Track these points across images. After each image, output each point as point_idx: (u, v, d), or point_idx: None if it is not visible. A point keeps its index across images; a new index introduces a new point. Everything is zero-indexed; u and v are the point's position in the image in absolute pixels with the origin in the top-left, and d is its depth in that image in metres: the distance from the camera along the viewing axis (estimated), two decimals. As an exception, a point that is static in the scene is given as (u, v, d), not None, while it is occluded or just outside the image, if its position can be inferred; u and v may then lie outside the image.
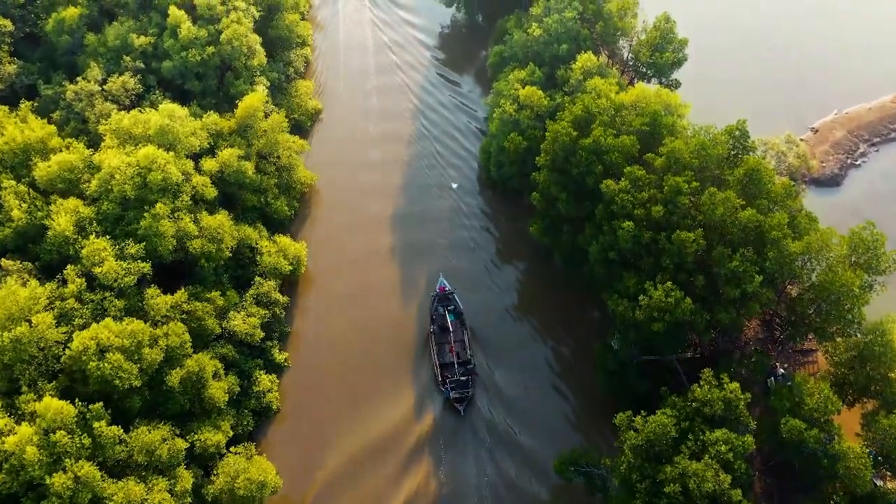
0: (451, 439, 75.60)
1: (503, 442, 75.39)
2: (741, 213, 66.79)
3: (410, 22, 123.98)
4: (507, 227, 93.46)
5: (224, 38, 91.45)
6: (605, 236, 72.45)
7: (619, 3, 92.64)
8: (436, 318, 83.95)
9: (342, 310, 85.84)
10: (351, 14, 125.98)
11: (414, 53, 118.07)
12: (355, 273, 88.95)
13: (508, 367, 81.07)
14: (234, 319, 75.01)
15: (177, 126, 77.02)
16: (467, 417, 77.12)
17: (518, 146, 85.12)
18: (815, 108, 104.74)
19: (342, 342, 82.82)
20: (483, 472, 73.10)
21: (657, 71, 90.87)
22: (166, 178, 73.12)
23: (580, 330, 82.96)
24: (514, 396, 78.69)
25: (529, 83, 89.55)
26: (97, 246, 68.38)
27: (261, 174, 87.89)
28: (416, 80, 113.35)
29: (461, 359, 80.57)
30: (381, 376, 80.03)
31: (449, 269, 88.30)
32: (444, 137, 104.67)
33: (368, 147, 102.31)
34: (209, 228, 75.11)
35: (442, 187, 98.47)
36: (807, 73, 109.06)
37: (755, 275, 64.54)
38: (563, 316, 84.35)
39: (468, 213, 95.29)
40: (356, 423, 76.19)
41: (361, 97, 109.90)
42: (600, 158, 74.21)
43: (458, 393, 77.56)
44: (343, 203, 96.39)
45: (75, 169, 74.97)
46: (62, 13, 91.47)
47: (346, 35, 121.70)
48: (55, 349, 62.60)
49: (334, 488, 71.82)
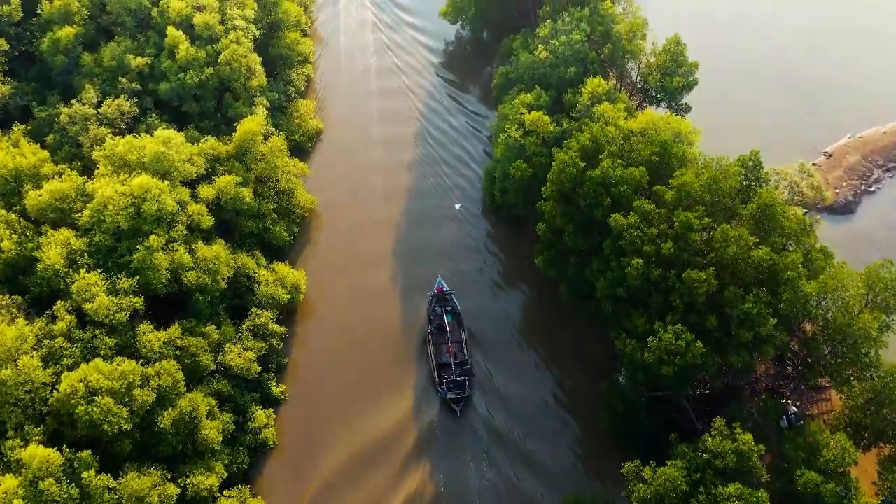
0: (449, 440, 75.14)
1: (502, 442, 75.01)
2: (755, 252, 64.45)
3: (417, 39, 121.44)
4: (511, 256, 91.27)
5: (223, 59, 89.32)
6: (613, 272, 70.08)
7: (628, 25, 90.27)
8: (433, 318, 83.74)
9: (341, 337, 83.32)
10: (354, 31, 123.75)
11: (420, 72, 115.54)
12: (355, 299, 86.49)
13: (506, 367, 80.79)
14: (229, 353, 72.85)
15: (172, 153, 74.90)
16: (466, 418, 76.49)
17: (523, 174, 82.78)
18: (828, 131, 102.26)
19: (341, 371, 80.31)
20: (482, 473, 72.78)
21: (667, 95, 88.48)
22: (161, 209, 71.03)
23: (587, 358, 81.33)
24: (512, 397, 78.50)
25: (535, 107, 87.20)
26: (88, 280, 66.24)
27: (259, 199, 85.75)
28: (421, 99, 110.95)
29: (458, 359, 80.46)
30: (384, 410, 77.68)
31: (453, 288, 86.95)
32: (450, 158, 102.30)
33: (370, 169, 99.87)
34: (205, 260, 72.92)
35: (447, 208, 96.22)
36: (820, 96, 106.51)
37: (769, 317, 62.21)
38: (571, 345, 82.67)
39: (474, 236, 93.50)
40: (356, 471, 73.63)
41: (364, 117, 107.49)
42: (608, 191, 71.84)
43: (454, 393, 77.43)
44: (343, 226, 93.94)
45: (67, 198, 72.89)
46: (57, 33, 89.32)
47: (348, 51, 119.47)
48: (42, 391, 60.42)
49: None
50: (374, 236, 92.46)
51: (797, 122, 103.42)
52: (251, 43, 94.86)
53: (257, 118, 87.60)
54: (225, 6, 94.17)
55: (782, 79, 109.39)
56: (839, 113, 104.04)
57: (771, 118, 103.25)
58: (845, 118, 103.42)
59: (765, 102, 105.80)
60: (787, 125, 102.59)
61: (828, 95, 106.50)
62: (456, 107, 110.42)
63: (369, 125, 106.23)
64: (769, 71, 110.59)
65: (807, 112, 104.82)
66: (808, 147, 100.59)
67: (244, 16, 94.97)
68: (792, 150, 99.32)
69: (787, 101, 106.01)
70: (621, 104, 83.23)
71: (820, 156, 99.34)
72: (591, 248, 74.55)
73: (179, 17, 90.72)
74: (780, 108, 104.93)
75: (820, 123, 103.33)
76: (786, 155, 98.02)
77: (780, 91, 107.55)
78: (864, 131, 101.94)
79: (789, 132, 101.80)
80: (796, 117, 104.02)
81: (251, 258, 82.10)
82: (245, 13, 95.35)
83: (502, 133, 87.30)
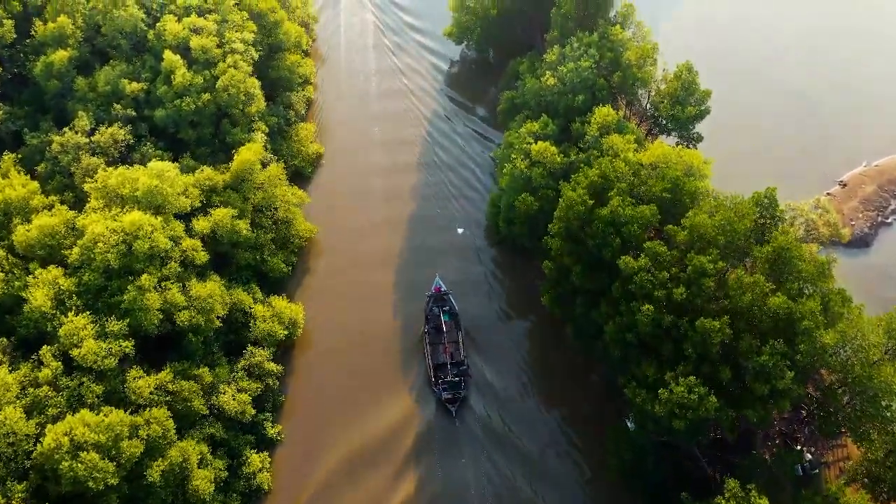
0: (446, 441, 75.22)
1: (500, 442, 75.04)
2: (771, 300, 61.56)
3: (422, 59, 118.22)
4: (517, 286, 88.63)
5: (220, 84, 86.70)
6: (623, 317, 67.26)
7: (639, 52, 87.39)
8: (430, 318, 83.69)
9: (341, 372, 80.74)
10: (356, 48, 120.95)
11: (426, 92, 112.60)
12: (355, 331, 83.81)
13: (503, 368, 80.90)
14: (223, 396, 70.25)
15: (166, 187, 72.36)
16: (462, 418, 76.57)
17: (529, 207, 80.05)
18: (844, 159, 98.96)
19: (340, 405, 77.86)
20: (479, 472, 72.77)
21: (678, 125, 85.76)
22: (153, 247, 68.48)
23: (590, 390, 79.62)
24: (508, 397, 78.69)
25: (542, 137, 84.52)
26: (76, 324, 63.70)
27: (257, 229, 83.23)
28: (425, 119, 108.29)
29: (454, 359, 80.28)
30: (386, 455, 75.20)
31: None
32: (457, 183, 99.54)
33: (372, 195, 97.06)
34: (198, 299, 70.31)
35: (451, 234, 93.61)
36: (834, 121, 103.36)
37: (786, 370, 59.40)
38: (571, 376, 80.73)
39: (479, 260, 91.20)
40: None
41: (365, 141, 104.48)
42: (618, 230, 69.06)
43: (450, 393, 77.27)
44: (344, 256, 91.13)
45: (57, 234, 70.42)
46: (51, 56, 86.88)
47: (350, 70, 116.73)
48: (26, 444, 57.95)
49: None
50: (374, 267, 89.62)
51: (811, 148, 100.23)
52: (250, 67, 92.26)
53: (255, 146, 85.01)
54: (224, 28, 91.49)
55: (795, 102, 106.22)
56: (854, 139, 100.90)
57: (783, 144, 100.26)
58: (861, 145, 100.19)
59: (777, 128, 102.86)
60: (800, 152, 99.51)
61: (843, 121, 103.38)
62: (464, 130, 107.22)
63: (371, 149, 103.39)
64: (781, 95, 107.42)
65: (820, 138, 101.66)
66: (821, 175, 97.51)
67: (243, 38, 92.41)
68: (805, 178, 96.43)
69: (801, 127, 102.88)
70: (631, 135, 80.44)
71: (834, 185, 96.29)
72: (599, 289, 71.87)
73: (176, 41, 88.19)
74: (792, 134, 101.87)
75: (834, 150, 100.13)
76: (799, 184, 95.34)
77: (793, 116, 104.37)
78: (880, 159, 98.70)
79: (803, 159, 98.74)
80: (810, 143, 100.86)
81: (247, 292, 79.57)
82: (244, 36, 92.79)
83: (507, 163, 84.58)
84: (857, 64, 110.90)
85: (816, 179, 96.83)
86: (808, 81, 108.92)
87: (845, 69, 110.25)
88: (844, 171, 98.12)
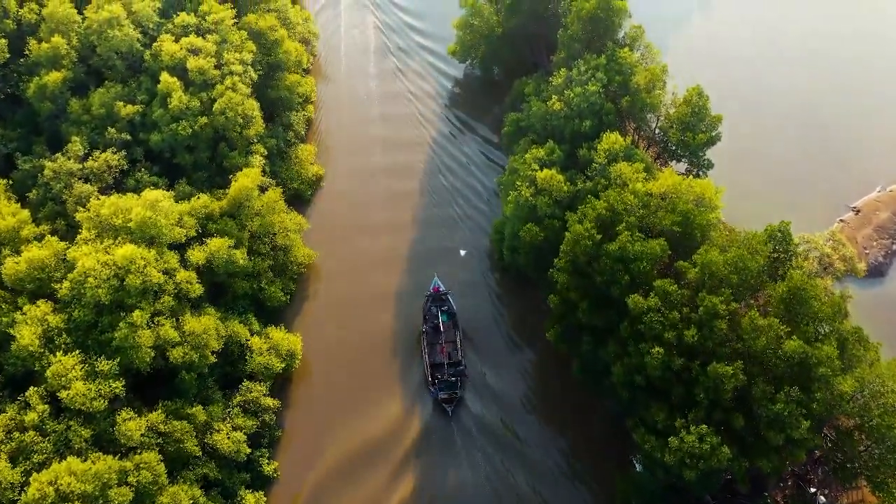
0: (443, 441, 75.68)
1: (497, 442, 75.31)
2: (786, 344, 59.12)
3: (426, 80, 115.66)
4: (521, 312, 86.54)
5: (217, 107, 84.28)
6: (631, 358, 64.95)
7: (648, 76, 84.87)
8: (429, 317, 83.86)
9: (340, 403, 78.57)
10: (358, 65, 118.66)
11: (428, 117, 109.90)
12: (355, 364, 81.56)
13: (500, 368, 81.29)
14: (217, 435, 67.93)
15: (160, 219, 70.04)
16: (459, 418, 76.89)
17: (535, 238, 77.63)
18: (857, 183, 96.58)
19: (340, 440, 75.76)
20: (477, 472, 73.15)
21: (688, 151, 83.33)
22: (146, 281, 66.20)
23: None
24: (505, 396, 78.96)
25: (548, 163, 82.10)
26: (65, 364, 61.41)
27: (254, 256, 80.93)
28: (428, 148, 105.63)
29: (452, 359, 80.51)
30: (384, 455, 74.89)
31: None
32: (462, 216, 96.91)
33: (373, 222, 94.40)
34: (193, 334, 68.00)
35: (454, 262, 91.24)
36: (847, 144, 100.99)
37: (802, 420, 57.01)
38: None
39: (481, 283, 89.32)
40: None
41: (366, 162, 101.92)
42: (627, 267, 66.65)
43: (446, 393, 77.56)
44: (343, 280, 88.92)
45: (47, 267, 68.08)
46: (44, 78, 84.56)
47: (351, 87, 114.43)
48: (10, 493, 55.69)
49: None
50: (375, 297, 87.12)
51: (823, 172, 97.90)
52: (249, 88, 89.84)
53: (253, 171, 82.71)
54: (222, 48, 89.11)
55: (807, 124, 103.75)
56: (868, 163, 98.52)
57: (795, 168, 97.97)
58: (875, 169, 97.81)
59: (788, 151, 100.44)
60: (812, 175, 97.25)
61: (856, 144, 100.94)
62: (470, 151, 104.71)
63: (373, 171, 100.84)
64: (793, 116, 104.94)
65: (833, 161, 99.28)
66: (834, 200, 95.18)
67: (242, 59, 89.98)
68: (817, 203, 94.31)
69: (813, 150, 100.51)
70: (639, 163, 77.93)
71: (848, 211, 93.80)
72: (606, 326, 69.48)
73: (173, 62, 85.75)
74: (804, 157, 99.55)
75: (847, 174, 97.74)
76: (811, 209, 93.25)
77: (804, 138, 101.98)
78: (895, 184, 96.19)
79: (815, 183, 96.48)
80: (822, 167, 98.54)
81: (244, 323, 77.34)
82: (243, 56, 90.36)
83: (512, 191, 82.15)
84: (872, 87, 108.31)
85: (829, 205, 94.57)
86: (820, 103, 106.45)
87: (860, 92, 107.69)
88: (858, 196, 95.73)
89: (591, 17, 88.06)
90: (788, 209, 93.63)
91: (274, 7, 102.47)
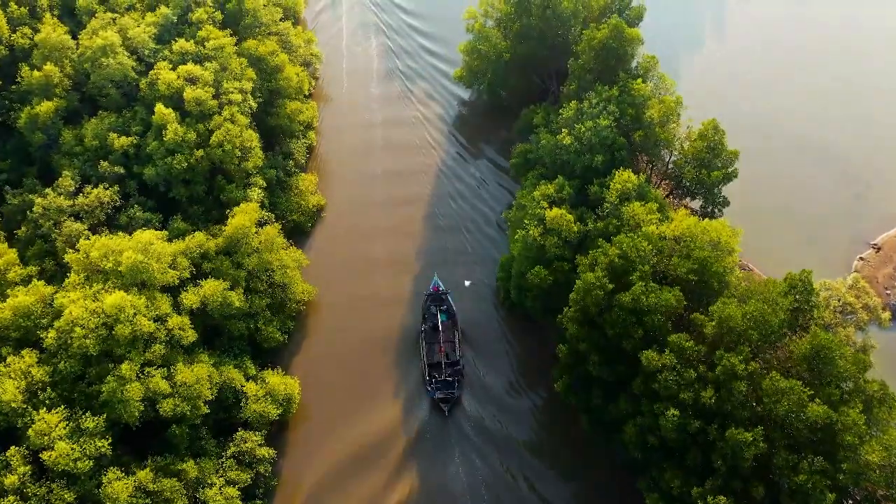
0: (440, 441, 75.44)
1: (493, 442, 75.09)
2: (810, 409, 55.79)
3: (424, 114, 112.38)
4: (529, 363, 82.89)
5: (215, 139, 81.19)
6: (645, 417, 61.74)
7: (662, 109, 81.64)
8: (428, 317, 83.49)
9: (341, 450, 75.23)
10: (361, 84, 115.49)
11: (434, 140, 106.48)
12: (354, 405, 78.25)
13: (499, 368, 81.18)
14: (209, 491, 64.75)
15: (152, 263, 67.02)
16: (455, 418, 76.70)
17: (543, 282, 74.34)
18: (877, 219, 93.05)
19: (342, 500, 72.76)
20: (474, 471, 72.85)
21: (703, 189, 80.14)
22: (136, 330, 63.19)
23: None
24: (502, 396, 78.75)
25: (557, 201, 78.87)
26: (49, 421, 58.41)
27: (251, 294, 77.79)
28: (430, 166, 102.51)
29: (450, 359, 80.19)
30: (383, 455, 74.09)
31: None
32: (465, 244, 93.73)
33: (374, 256, 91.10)
34: (184, 385, 64.92)
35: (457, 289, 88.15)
36: (867, 177, 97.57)
37: (827, 492, 53.71)
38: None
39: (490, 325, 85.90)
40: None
41: (368, 191, 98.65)
42: (640, 319, 63.39)
43: (443, 393, 77.28)
44: (344, 318, 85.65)
45: (33, 314, 65.09)
46: (36, 108, 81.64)
47: (352, 107, 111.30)
48: (-13, 566, 52.90)
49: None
50: (375, 348, 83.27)
51: (842, 206, 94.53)
52: (248, 119, 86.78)
53: (251, 207, 79.69)
54: (221, 76, 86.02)
55: (824, 157, 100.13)
56: (889, 198, 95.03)
57: (812, 202, 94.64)
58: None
59: (805, 184, 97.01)
60: (830, 210, 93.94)
61: (876, 177, 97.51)
62: (480, 183, 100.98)
63: (376, 201, 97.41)
64: (810, 148, 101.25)
65: (853, 196, 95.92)
66: (853, 236, 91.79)
67: (241, 88, 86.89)
68: (836, 239, 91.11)
69: (830, 183, 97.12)
70: (653, 203, 74.67)
71: (868, 248, 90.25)
72: (618, 380, 66.22)
73: (169, 91, 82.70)
74: (822, 190, 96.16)
75: (867, 209, 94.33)
76: (830, 246, 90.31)
77: (822, 171, 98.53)
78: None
79: (832, 218, 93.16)
80: (841, 201, 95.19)
81: (239, 367, 74.32)
82: (242, 84, 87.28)
83: (520, 229, 78.87)
84: (892, 118, 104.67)
85: (848, 241, 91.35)
86: (838, 134, 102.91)
87: (879, 122, 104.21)
88: (878, 232, 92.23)
89: (602, 46, 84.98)
90: (805, 245, 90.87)
91: (275, 30, 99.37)
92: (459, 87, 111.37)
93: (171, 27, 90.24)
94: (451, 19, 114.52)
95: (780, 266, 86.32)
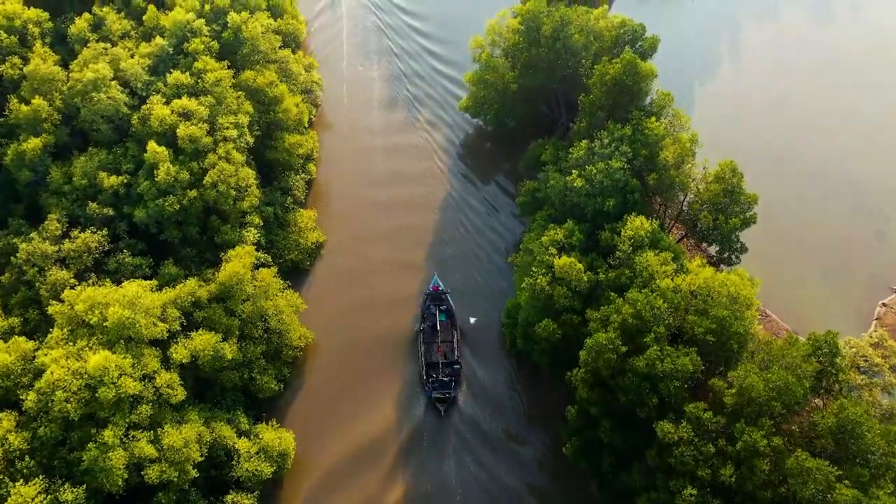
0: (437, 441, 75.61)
1: (490, 442, 75.21)
2: (838, 494, 52.12)
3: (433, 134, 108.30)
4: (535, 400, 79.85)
5: (209, 179, 77.58)
6: (660, 493, 58.04)
7: (676, 150, 77.90)
8: (427, 317, 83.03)
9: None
10: (361, 111, 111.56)
11: (438, 175, 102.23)
12: (353, 451, 75.29)
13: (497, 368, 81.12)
14: (199, 562, 61.53)
15: (139, 318, 63.52)
16: (452, 418, 76.74)
17: (551, 336, 70.67)
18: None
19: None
20: (470, 472, 72.95)
21: (720, 236, 76.40)
22: (120, 393, 59.74)
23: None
24: (500, 396, 78.91)
25: (567, 247, 75.23)
26: (26, 494, 54.99)
27: (245, 341, 74.32)
28: (431, 201, 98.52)
29: (448, 359, 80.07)
30: (381, 454, 74.36)
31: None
32: (469, 282, 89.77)
33: (375, 295, 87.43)
34: (171, 449, 61.43)
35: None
36: (889, 215, 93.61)
37: (857, 586, 50.08)
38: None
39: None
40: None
41: (370, 230, 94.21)
42: (654, 386, 59.71)
43: (439, 393, 77.02)
44: (342, 365, 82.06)
45: (12, 373, 61.71)
46: (23, 144, 78.16)
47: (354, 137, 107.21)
48: None
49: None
50: (371, 401, 79.68)
51: (862, 248, 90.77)
52: (243, 156, 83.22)
53: (246, 252, 76.20)
54: (217, 111, 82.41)
55: (845, 194, 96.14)
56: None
57: (831, 242, 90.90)
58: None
59: (824, 222, 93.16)
60: (849, 251, 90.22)
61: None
62: (483, 223, 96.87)
63: (377, 235, 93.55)
64: (829, 183, 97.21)
65: (875, 234, 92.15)
66: (875, 279, 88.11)
67: (237, 122, 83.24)
68: (857, 282, 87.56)
69: (850, 222, 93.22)
70: (667, 253, 70.95)
71: (890, 293, 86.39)
72: (631, 447, 62.56)
73: (162, 127, 79.15)
74: (841, 230, 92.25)
75: (890, 249, 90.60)
76: (850, 290, 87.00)
77: (842, 209, 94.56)
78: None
79: (853, 260, 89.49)
80: (861, 242, 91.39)
81: (231, 423, 70.86)
82: (239, 119, 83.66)
83: (527, 277, 75.13)
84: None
85: (869, 284, 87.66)
86: (859, 170, 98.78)
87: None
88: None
89: (615, 83, 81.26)
90: (824, 288, 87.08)
91: (275, 58, 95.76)
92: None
93: (166, 58, 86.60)
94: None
95: (796, 307, 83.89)
